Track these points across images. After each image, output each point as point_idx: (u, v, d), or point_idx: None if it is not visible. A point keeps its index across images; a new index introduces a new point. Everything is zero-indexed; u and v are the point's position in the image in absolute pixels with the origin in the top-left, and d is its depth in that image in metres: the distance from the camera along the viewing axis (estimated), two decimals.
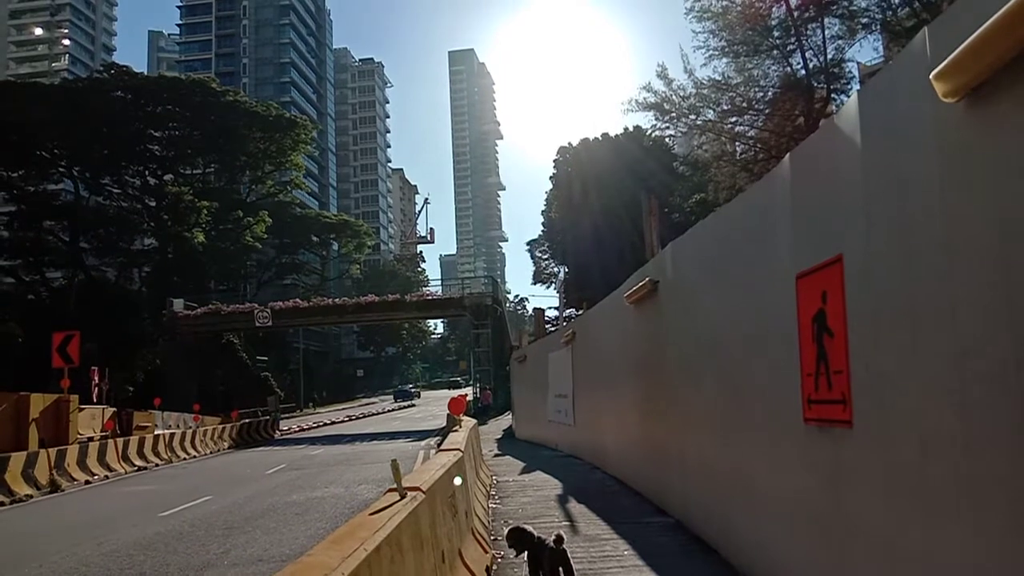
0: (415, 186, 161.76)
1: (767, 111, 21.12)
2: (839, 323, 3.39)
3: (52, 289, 51.83)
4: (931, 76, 2.25)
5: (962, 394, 2.44)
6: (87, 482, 16.35)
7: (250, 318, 40.94)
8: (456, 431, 10.69)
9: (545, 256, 55.68)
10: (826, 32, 18.87)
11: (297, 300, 43.89)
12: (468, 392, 43.36)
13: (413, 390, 76.73)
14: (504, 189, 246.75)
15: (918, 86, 2.48)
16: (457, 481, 5.48)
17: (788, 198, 3.95)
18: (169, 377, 38.91)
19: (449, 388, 75.55)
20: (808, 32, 19.00)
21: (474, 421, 14.37)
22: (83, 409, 19.68)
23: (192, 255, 50.67)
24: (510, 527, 4.55)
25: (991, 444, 2.26)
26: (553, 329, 24.02)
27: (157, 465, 20.23)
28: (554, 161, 50.46)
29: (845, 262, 3.28)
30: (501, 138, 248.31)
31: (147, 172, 54.91)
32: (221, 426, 28.36)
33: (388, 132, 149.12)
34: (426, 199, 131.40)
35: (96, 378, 23.55)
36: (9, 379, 30.03)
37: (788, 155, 3.96)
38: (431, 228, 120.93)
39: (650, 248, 8.90)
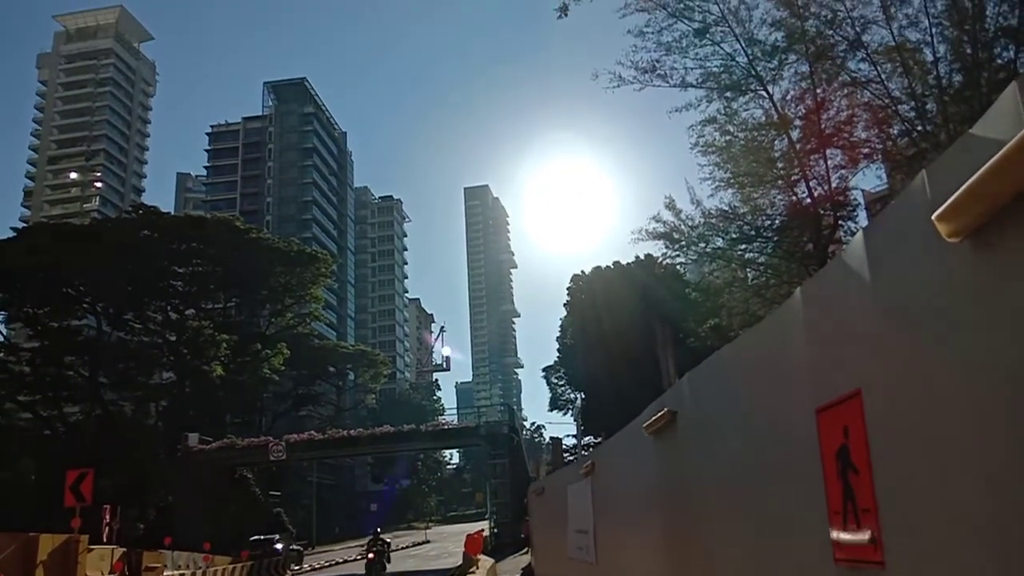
0: (431, 315, 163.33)
1: (775, 238, 21.48)
2: (863, 459, 3.32)
3: (68, 424, 51.75)
4: (933, 217, 2.32)
5: (993, 528, 2.37)
6: None
7: (264, 452, 40.45)
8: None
9: (561, 382, 55.35)
10: (829, 162, 19.44)
11: (312, 432, 43.52)
12: (485, 527, 41.91)
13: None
14: (519, 316, 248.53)
15: (921, 226, 2.55)
16: None
17: (802, 331, 3.98)
18: (180, 514, 38.04)
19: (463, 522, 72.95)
20: (811, 163, 19.58)
21: (492, 561, 13.84)
22: (92, 550, 19.14)
23: (210, 388, 50.77)
24: None
25: None
26: (571, 459, 23.52)
27: None
28: (568, 289, 51.16)
29: (864, 396, 3.25)
30: (515, 267, 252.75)
31: (169, 307, 56.05)
32: (231, 566, 27.44)
33: (406, 264, 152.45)
34: (442, 327, 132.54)
35: (107, 517, 23.05)
36: (19, 517, 29.48)
37: (799, 288, 4.02)
38: (447, 356, 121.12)
39: (667, 377, 8.85)
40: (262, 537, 35.65)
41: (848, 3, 16.89)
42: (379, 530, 26.83)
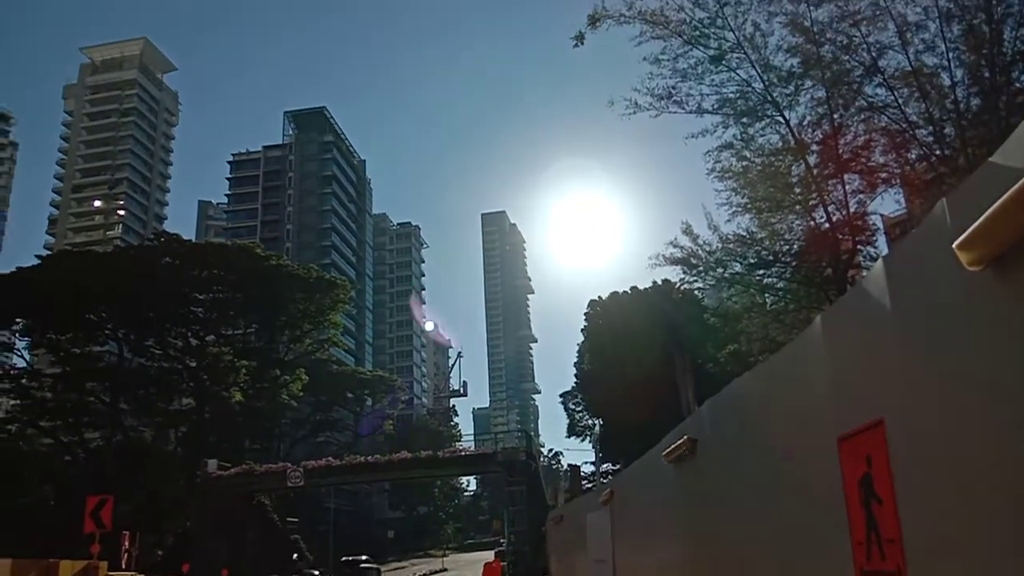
0: (448, 340, 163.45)
1: (794, 264, 21.35)
2: (886, 489, 3.28)
3: (89, 450, 52.08)
4: (954, 246, 2.32)
5: (1022, 559, 2.33)
6: None
7: (282, 478, 40.42)
8: None
9: (579, 408, 54.99)
10: (847, 187, 19.35)
11: (330, 458, 43.46)
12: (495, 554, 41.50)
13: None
14: (536, 341, 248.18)
15: (942, 254, 2.55)
16: None
17: (823, 359, 3.95)
18: (198, 540, 38.02)
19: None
20: (829, 188, 19.50)
21: None
22: None
23: (228, 415, 50.99)
24: None
25: None
26: (590, 486, 23.30)
27: None
28: (585, 314, 51.01)
29: (887, 424, 3.22)
30: (532, 292, 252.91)
31: (189, 333, 56.52)
32: None
33: (423, 289, 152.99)
34: (459, 353, 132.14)
35: (126, 543, 23.08)
36: (39, 543, 29.61)
37: (820, 316, 4.01)
38: (464, 381, 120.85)
39: (686, 404, 8.79)
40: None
41: (864, 29, 16.93)
42: (356, 557, 26.04)
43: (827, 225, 19.08)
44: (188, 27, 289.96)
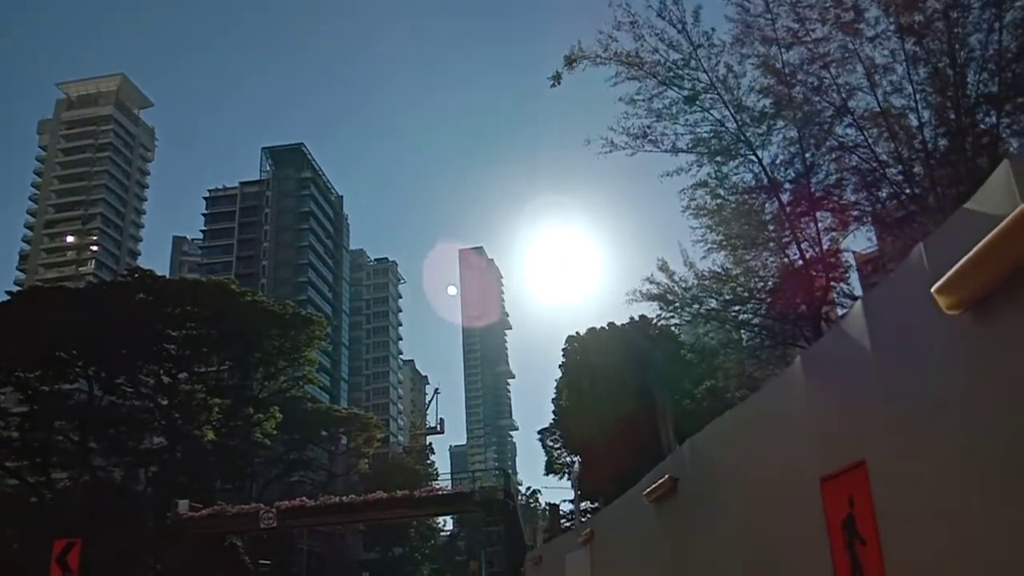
0: (425, 376, 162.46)
1: (769, 300, 21.56)
2: (870, 530, 3.28)
3: (56, 491, 50.68)
4: (933, 290, 2.36)
5: None
6: None
7: (255, 519, 39.55)
8: None
9: (557, 445, 54.63)
10: (819, 224, 19.68)
11: (304, 498, 42.65)
12: None
13: None
14: (513, 377, 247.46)
15: (920, 297, 2.59)
16: None
17: (803, 400, 3.98)
18: None
19: None
20: (802, 225, 19.80)
21: None
22: None
23: (200, 454, 50.00)
24: None
25: None
26: (569, 525, 23.08)
27: None
28: (563, 350, 50.94)
29: (869, 465, 3.23)
30: (510, 328, 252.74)
31: (162, 371, 55.59)
32: None
33: (400, 325, 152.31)
34: (436, 390, 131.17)
35: None
36: None
37: (798, 356, 4.04)
38: (441, 418, 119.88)
39: (667, 443, 8.78)
40: None
41: (833, 71, 17.35)
42: None
43: (801, 262, 19.33)
44: (166, 62, 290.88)
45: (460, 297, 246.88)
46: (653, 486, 7.52)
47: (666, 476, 7.16)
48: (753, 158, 19.06)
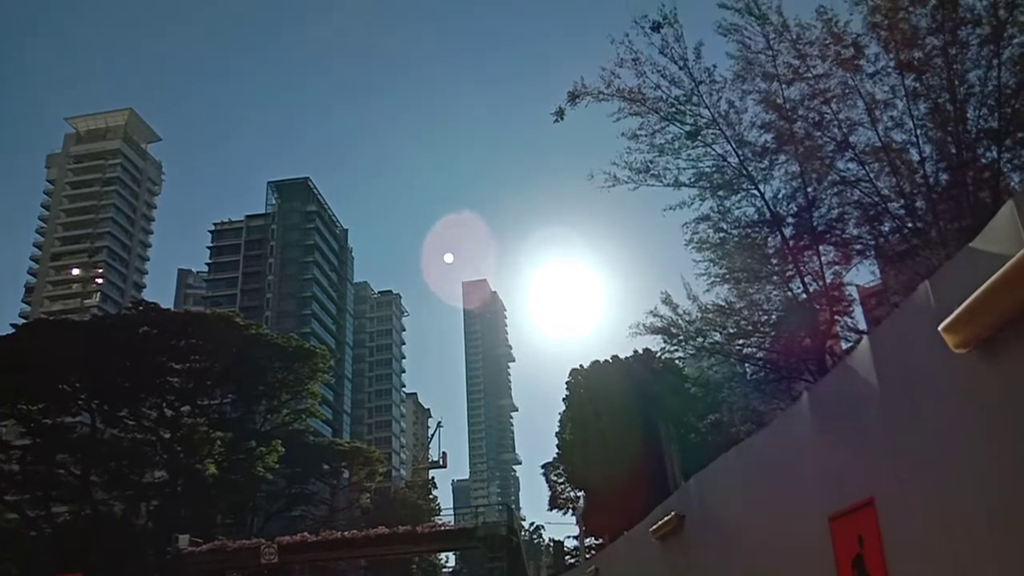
0: (428, 410, 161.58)
1: (773, 333, 21.52)
2: (880, 569, 3.24)
3: (56, 525, 50.21)
4: (940, 328, 2.36)
5: None
6: None
7: (255, 555, 39.10)
8: None
9: (561, 480, 54.09)
10: (822, 258, 19.71)
11: (305, 533, 42.17)
12: None
13: None
14: (517, 410, 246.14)
15: (927, 335, 2.59)
16: None
17: (810, 437, 3.95)
18: None
19: None
20: (805, 259, 19.84)
21: None
22: None
23: (202, 488, 49.59)
24: None
25: None
26: (573, 562, 22.77)
27: None
28: (566, 383, 50.67)
29: (878, 504, 3.20)
30: (513, 361, 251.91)
31: (165, 404, 55.40)
32: None
33: (403, 358, 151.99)
34: (439, 423, 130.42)
35: None
36: None
37: (805, 392, 4.02)
38: (444, 452, 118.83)
39: (672, 478, 8.70)
40: None
41: (834, 106, 17.50)
42: None
43: (804, 296, 19.32)
44: (174, 97, 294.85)
45: (463, 330, 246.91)
46: (659, 523, 7.44)
47: (672, 513, 7.08)
48: (755, 192, 19.15)
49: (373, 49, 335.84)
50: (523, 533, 77.94)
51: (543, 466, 56.20)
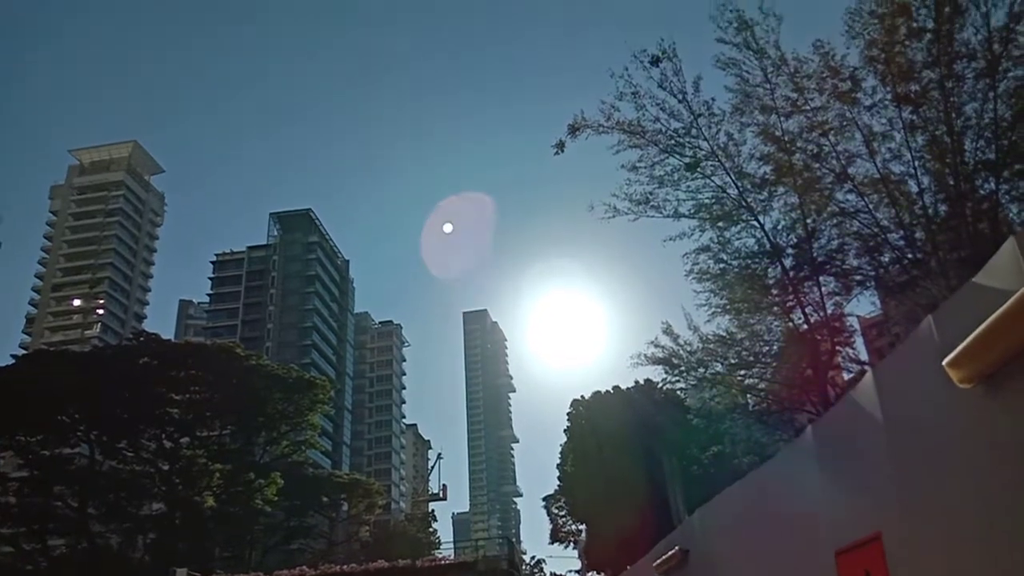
0: (428, 441, 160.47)
1: (774, 364, 21.48)
2: None
3: (52, 558, 49.59)
4: (944, 364, 2.36)
5: None
6: None
7: None
8: None
9: (562, 513, 53.57)
10: (823, 289, 19.75)
11: (304, 567, 41.59)
12: None
13: None
14: (517, 442, 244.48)
15: (931, 370, 2.59)
16: None
17: (815, 471, 3.93)
18: None
19: None
20: (805, 290, 19.88)
21: None
22: None
23: (199, 520, 49.06)
24: None
25: None
26: None
27: None
28: (568, 414, 50.38)
29: (884, 539, 3.18)
30: (514, 391, 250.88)
31: (164, 435, 55.01)
32: None
33: (404, 388, 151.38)
34: (439, 455, 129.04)
35: None
36: None
37: (809, 427, 4.01)
38: (444, 484, 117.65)
39: (675, 512, 8.62)
40: None
41: (832, 138, 17.66)
42: None
43: (805, 327, 19.32)
44: (178, 129, 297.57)
45: (464, 360, 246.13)
46: (663, 558, 7.37)
47: (676, 548, 7.02)
48: (755, 223, 19.26)
49: (374, 81, 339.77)
50: (524, 567, 76.92)
51: (544, 498, 55.79)
